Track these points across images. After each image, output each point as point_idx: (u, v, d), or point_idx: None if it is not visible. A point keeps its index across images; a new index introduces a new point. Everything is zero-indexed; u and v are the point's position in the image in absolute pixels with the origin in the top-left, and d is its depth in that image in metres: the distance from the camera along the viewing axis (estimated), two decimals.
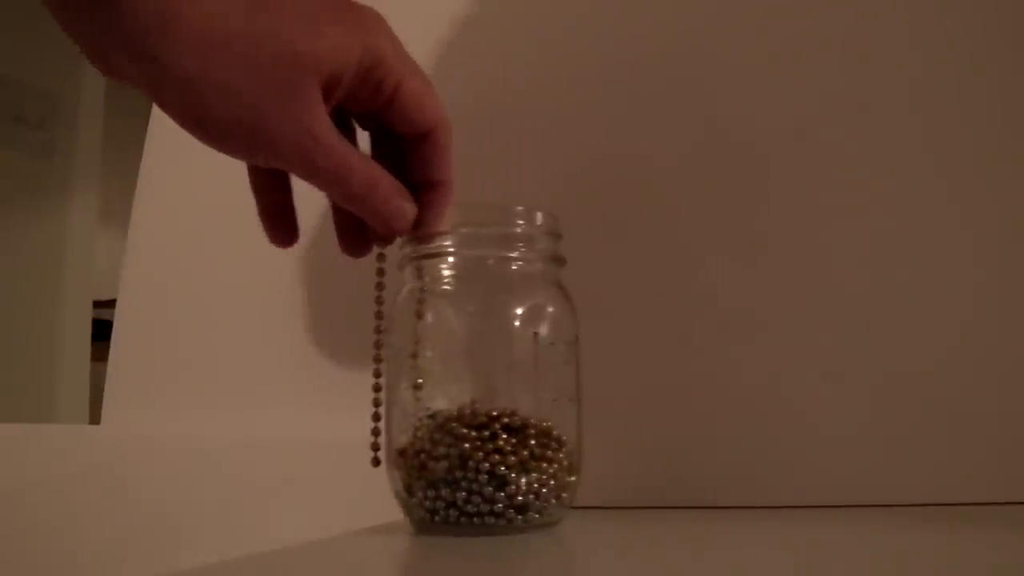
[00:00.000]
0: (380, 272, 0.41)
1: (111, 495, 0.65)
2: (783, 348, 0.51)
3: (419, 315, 0.42)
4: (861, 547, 0.38)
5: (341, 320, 0.64)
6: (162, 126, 0.77)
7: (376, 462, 0.41)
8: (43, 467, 0.69)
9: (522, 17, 0.61)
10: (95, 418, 0.80)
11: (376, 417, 0.41)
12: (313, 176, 0.36)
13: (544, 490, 0.40)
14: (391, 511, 0.42)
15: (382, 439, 0.42)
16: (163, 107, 0.34)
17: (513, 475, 0.39)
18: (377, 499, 0.42)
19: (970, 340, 0.49)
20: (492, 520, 0.39)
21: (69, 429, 0.96)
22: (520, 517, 0.40)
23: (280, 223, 0.41)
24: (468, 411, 0.40)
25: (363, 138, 0.41)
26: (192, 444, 0.65)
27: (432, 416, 0.41)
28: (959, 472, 0.48)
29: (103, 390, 0.76)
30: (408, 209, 0.39)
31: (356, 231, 0.41)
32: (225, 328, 0.70)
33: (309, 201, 0.43)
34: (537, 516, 0.40)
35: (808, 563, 0.35)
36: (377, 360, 0.41)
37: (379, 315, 0.41)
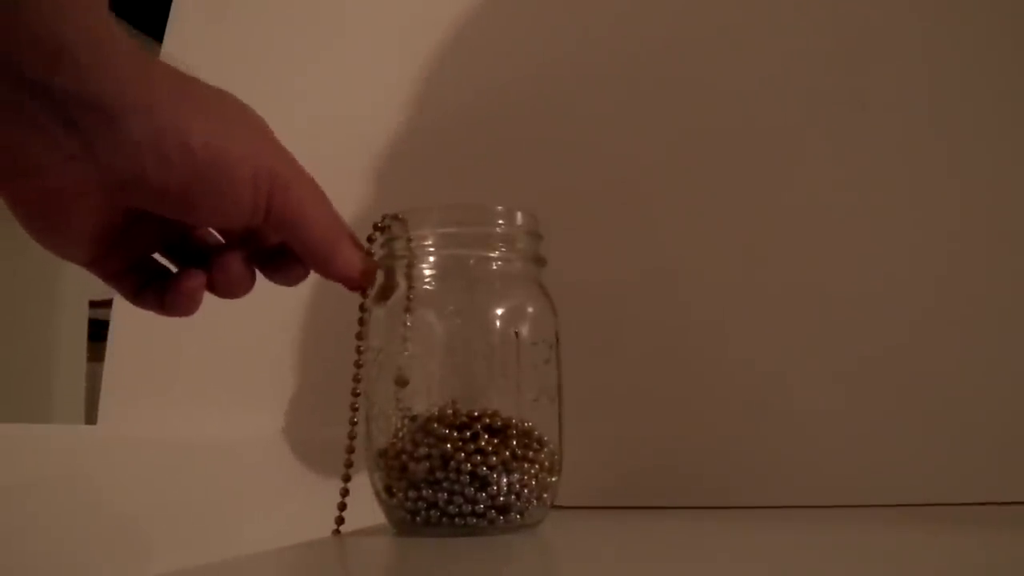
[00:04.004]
0: (363, 308, 0.41)
1: (107, 495, 0.65)
2: (770, 348, 0.51)
3: (405, 322, 0.42)
4: (850, 548, 0.38)
5: (337, 322, 0.64)
6: None
7: (340, 521, 0.41)
8: (39, 467, 0.69)
9: (505, 20, 0.61)
10: (91, 418, 0.81)
11: (346, 478, 0.41)
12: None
13: (526, 490, 0.40)
14: (372, 512, 0.42)
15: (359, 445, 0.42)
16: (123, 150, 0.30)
17: (494, 475, 0.39)
18: (358, 500, 0.42)
19: (970, 341, 0.49)
20: (474, 521, 0.39)
21: (65, 429, 0.96)
22: (502, 518, 0.40)
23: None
24: (449, 411, 0.40)
25: None
26: (187, 444, 0.65)
27: (413, 417, 0.41)
28: (959, 472, 0.48)
29: (99, 390, 0.77)
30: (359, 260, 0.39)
31: (279, 261, 0.39)
32: (222, 328, 0.70)
33: None
34: (519, 517, 0.40)
35: (795, 563, 0.35)
36: (354, 393, 0.41)
37: (359, 349, 0.41)
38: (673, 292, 0.53)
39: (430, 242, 0.42)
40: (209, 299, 0.38)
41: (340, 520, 0.41)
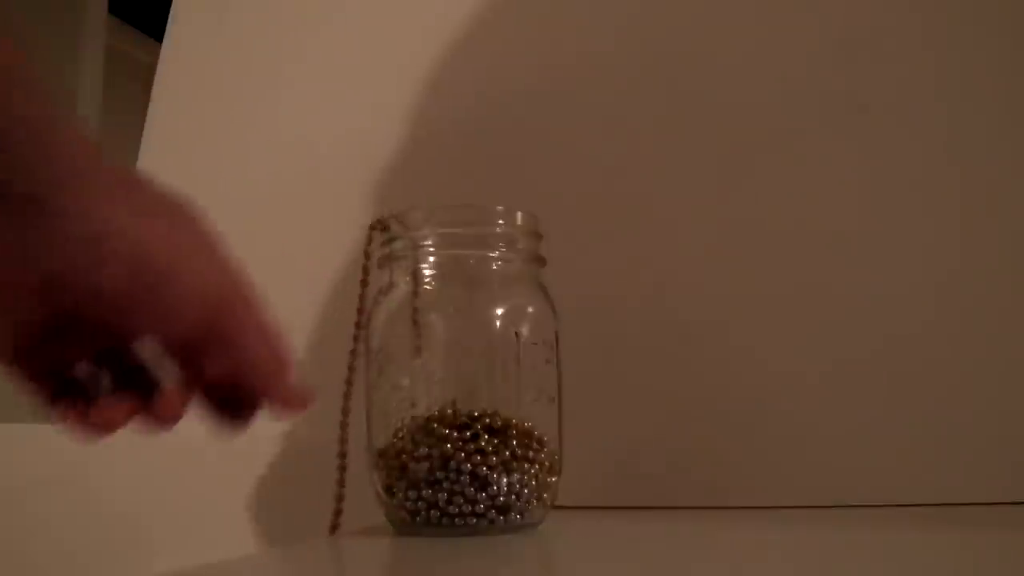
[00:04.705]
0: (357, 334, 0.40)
1: (107, 495, 0.65)
2: (770, 348, 0.51)
3: (415, 320, 0.42)
4: (851, 548, 0.38)
5: (337, 323, 0.64)
6: (159, 127, 0.77)
7: (334, 528, 0.41)
8: (39, 467, 0.69)
9: (507, 25, 0.61)
10: None
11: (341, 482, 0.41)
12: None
13: (525, 490, 0.40)
14: (372, 512, 0.42)
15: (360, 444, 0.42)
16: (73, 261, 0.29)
17: (495, 475, 0.39)
18: (358, 500, 0.42)
19: (970, 340, 0.49)
20: (474, 521, 0.39)
21: (65, 429, 0.96)
22: (502, 517, 0.40)
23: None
24: (449, 411, 0.41)
25: None
26: (187, 444, 0.65)
27: (413, 417, 0.41)
28: (959, 472, 0.48)
29: None
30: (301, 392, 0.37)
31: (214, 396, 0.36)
32: None
33: (298, 204, 0.42)
34: (519, 516, 0.40)
35: (795, 563, 0.35)
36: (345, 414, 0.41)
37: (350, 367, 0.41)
38: (673, 292, 0.53)
39: (430, 242, 0.42)
40: None
41: (335, 526, 0.41)
